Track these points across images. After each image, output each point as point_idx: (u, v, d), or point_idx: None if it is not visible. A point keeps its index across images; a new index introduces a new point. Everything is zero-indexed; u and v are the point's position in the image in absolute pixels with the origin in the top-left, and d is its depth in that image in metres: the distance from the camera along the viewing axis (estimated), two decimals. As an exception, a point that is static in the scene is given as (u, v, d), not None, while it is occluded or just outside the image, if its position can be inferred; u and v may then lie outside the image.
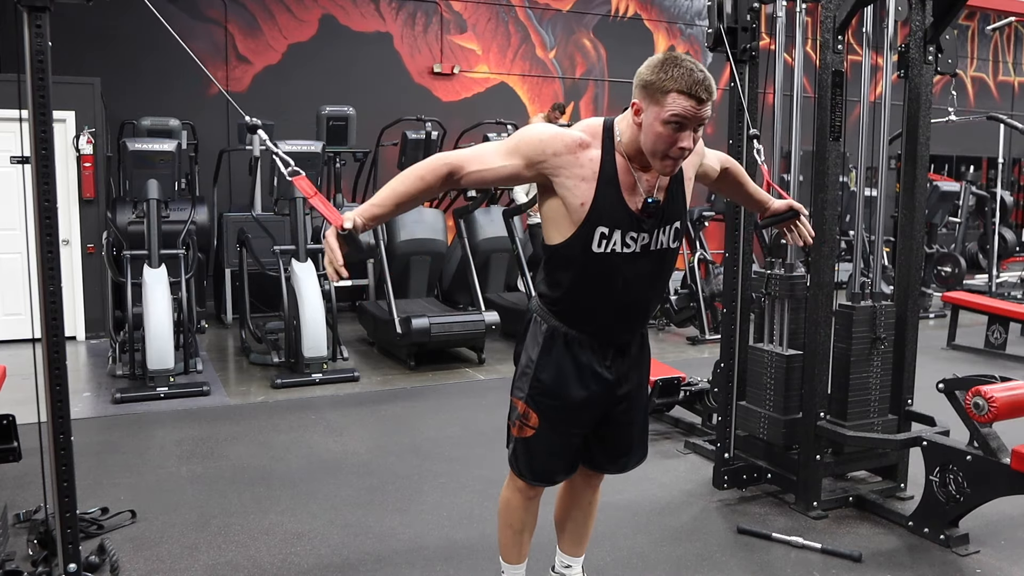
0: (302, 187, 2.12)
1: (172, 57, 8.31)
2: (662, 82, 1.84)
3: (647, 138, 1.90)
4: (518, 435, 2.20)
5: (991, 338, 6.82)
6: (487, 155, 2.01)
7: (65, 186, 6.63)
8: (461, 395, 5.32)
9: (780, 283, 3.57)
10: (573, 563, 2.54)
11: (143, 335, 5.20)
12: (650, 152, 1.92)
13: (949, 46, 3.46)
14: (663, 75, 1.84)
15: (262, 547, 3.05)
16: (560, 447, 2.21)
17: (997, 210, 9.43)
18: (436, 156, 2.01)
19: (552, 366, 2.12)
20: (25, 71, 2.37)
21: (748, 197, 2.51)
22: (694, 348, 6.91)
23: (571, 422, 2.17)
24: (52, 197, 2.45)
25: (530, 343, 2.17)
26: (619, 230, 1.97)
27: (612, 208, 1.96)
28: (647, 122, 1.89)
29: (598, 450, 2.29)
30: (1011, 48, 13.95)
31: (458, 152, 2.02)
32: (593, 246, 1.98)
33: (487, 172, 2.00)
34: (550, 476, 2.25)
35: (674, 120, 1.85)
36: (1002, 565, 2.95)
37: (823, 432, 3.34)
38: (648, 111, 1.88)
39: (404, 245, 6.94)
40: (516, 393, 2.20)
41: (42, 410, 2.51)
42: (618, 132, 1.99)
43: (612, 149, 1.98)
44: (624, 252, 2.00)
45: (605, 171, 1.96)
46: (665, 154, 1.90)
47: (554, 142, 1.95)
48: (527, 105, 10.16)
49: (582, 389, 2.12)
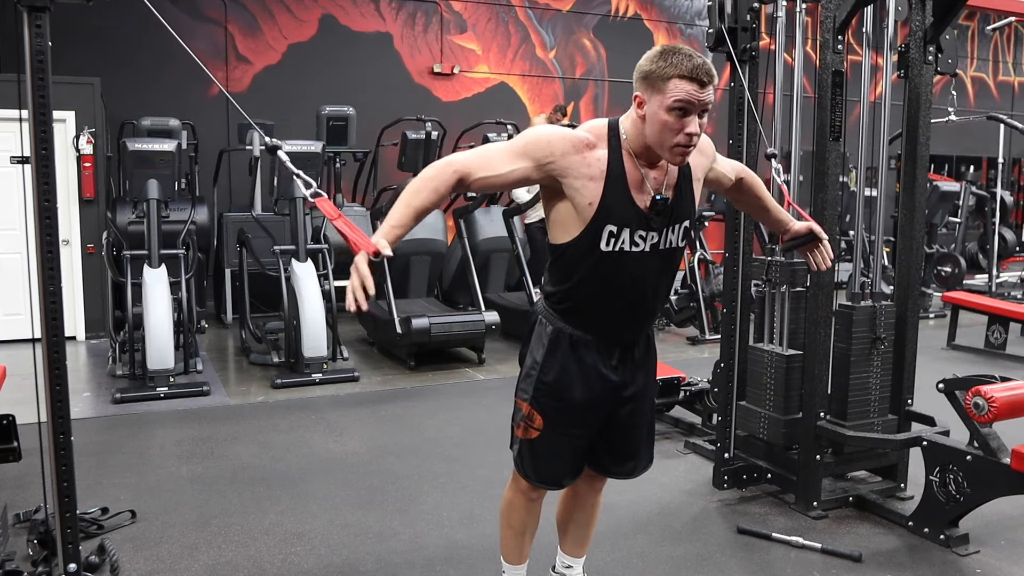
0: (325, 209, 2.02)
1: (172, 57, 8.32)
2: (662, 70, 1.85)
3: (653, 128, 1.90)
4: (523, 437, 2.19)
5: (991, 338, 6.82)
6: (495, 160, 1.96)
7: (65, 186, 6.63)
8: (461, 395, 5.32)
9: (781, 270, 3.56)
10: (574, 564, 2.54)
11: (143, 335, 5.20)
12: (658, 143, 1.91)
13: (949, 46, 3.46)
14: (663, 63, 1.85)
15: (262, 547, 3.05)
16: (565, 449, 2.19)
17: (997, 210, 9.43)
18: (444, 163, 1.93)
19: (557, 367, 2.11)
20: (25, 71, 2.37)
21: (766, 214, 2.44)
22: (694, 348, 6.91)
23: (575, 424, 2.16)
24: (52, 197, 2.45)
25: (535, 345, 2.16)
26: (628, 228, 1.96)
27: (621, 207, 1.95)
28: (651, 112, 1.89)
29: (603, 452, 2.28)
30: (1011, 48, 13.95)
31: (464, 157, 1.97)
32: (601, 245, 1.97)
33: (496, 178, 1.96)
34: (555, 479, 2.24)
35: (678, 106, 1.85)
36: (1002, 565, 2.95)
37: (823, 432, 3.34)
38: (651, 101, 1.89)
39: (404, 245, 6.90)
40: (520, 395, 2.19)
41: (42, 410, 2.51)
42: (623, 131, 1.99)
43: (619, 148, 1.97)
44: (633, 251, 1.99)
45: (612, 170, 1.95)
46: (674, 143, 1.89)
47: (562, 143, 1.95)
48: (527, 105, 10.16)
49: (587, 391, 2.11)
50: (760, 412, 3.58)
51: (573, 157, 1.94)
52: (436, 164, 1.96)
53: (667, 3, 10.95)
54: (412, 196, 1.90)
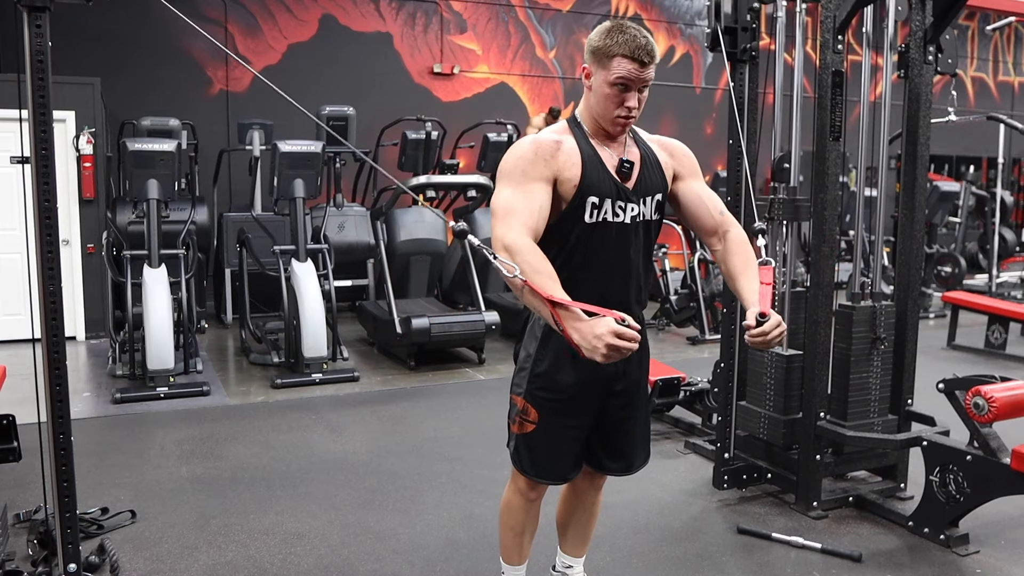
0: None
1: (172, 57, 8.34)
2: (608, 47, 1.99)
3: (597, 100, 2.05)
4: (518, 432, 2.22)
5: (991, 338, 6.82)
6: (523, 202, 1.96)
7: (65, 186, 6.63)
8: (461, 395, 5.32)
9: (784, 207, 3.55)
10: (574, 563, 2.54)
11: (143, 335, 5.20)
12: (600, 113, 2.06)
13: (949, 46, 3.46)
14: (609, 40, 1.99)
15: (262, 547, 3.05)
16: (560, 442, 2.22)
17: (997, 210, 9.43)
18: (514, 238, 1.89)
19: (549, 357, 2.16)
20: (25, 71, 2.37)
21: (729, 274, 2.17)
22: (694, 348, 6.91)
23: (569, 414, 2.19)
24: (52, 197, 2.45)
25: (528, 339, 2.22)
26: (608, 199, 2.08)
27: (599, 180, 2.07)
28: (597, 84, 2.04)
29: (599, 448, 2.30)
30: (1011, 48, 13.95)
31: (509, 225, 1.93)
32: (586, 217, 2.07)
33: (542, 212, 1.98)
34: (552, 473, 2.26)
35: (620, 82, 2.00)
36: (1002, 565, 2.95)
37: (823, 432, 3.34)
38: (597, 75, 2.04)
39: (404, 245, 6.94)
40: (515, 390, 2.23)
41: (42, 410, 2.51)
42: (581, 120, 2.13)
43: (583, 135, 2.12)
44: (615, 221, 2.09)
45: (584, 151, 2.09)
46: (615, 115, 2.04)
47: (544, 148, 2.05)
48: (527, 105, 10.16)
49: (578, 380, 2.14)
50: (760, 412, 3.58)
51: (558, 154, 2.06)
52: (515, 247, 1.88)
53: (667, 3, 10.95)
54: (547, 266, 1.88)
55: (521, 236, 1.91)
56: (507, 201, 1.98)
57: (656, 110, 10.41)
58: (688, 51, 11.06)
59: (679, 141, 2.29)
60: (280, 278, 5.75)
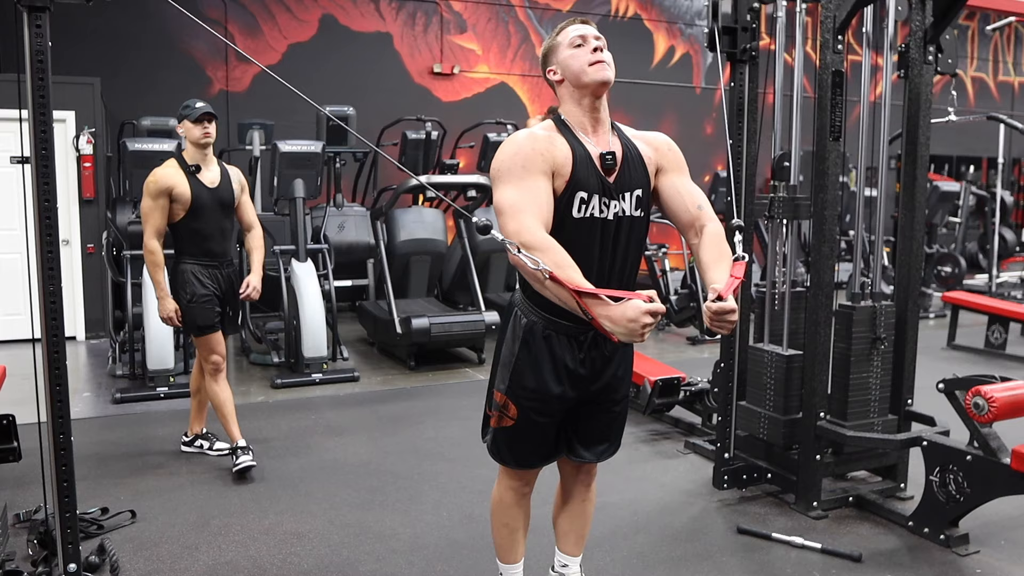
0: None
1: (172, 57, 8.34)
2: (555, 36, 2.19)
3: (570, 71, 2.12)
4: (496, 425, 2.26)
5: (991, 338, 6.82)
6: (527, 196, 1.98)
7: (65, 186, 6.64)
8: (461, 395, 5.32)
9: (784, 204, 3.56)
10: (570, 562, 2.54)
11: (143, 335, 5.20)
12: (578, 75, 2.10)
13: (949, 46, 3.46)
14: (554, 33, 2.20)
15: (262, 547, 3.05)
16: (537, 435, 2.25)
17: (997, 210, 9.43)
18: (531, 235, 1.91)
19: (531, 361, 2.17)
20: (25, 71, 2.37)
21: (702, 266, 2.18)
22: (694, 348, 6.91)
23: (548, 413, 2.22)
24: (52, 197, 2.45)
25: (510, 337, 2.23)
26: (596, 195, 2.09)
27: (587, 175, 2.08)
28: (563, 64, 2.13)
29: (573, 436, 2.32)
30: (1011, 48, 13.95)
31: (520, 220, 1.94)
32: (574, 212, 2.07)
33: (548, 205, 2.01)
34: (532, 460, 2.29)
35: (576, 42, 2.12)
36: (1002, 565, 2.95)
37: (823, 432, 3.34)
38: (559, 59, 2.15)
39: (404, 245, 6.93)
40: (498, 385, 2.25)
41: (42, 410, 2.51)
42: (564, 116, 2.16)
43: (569, 130, 2.13)
44: (601, 217, 2.10)
45: (573, 146, 2.10)
46: (587, 61, 2.10)
47: (540, 141, 2.06)
48: (527, 105, 10.16)
49: (556, 383, 2.17)
50: (760, 412, 3.58)
51: (551, 148, 2.07)
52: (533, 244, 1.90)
53: (667, 3, 10.95)
54: (565, 259, 1.90)
55: (538, 231, 1.93)
56: (512, 198, 1.98)
57: (656, 110, 10.41)
58: (688, 51, 11.05)
59: (665, 135, 2.27)
60: (280, 278, 5.75)
